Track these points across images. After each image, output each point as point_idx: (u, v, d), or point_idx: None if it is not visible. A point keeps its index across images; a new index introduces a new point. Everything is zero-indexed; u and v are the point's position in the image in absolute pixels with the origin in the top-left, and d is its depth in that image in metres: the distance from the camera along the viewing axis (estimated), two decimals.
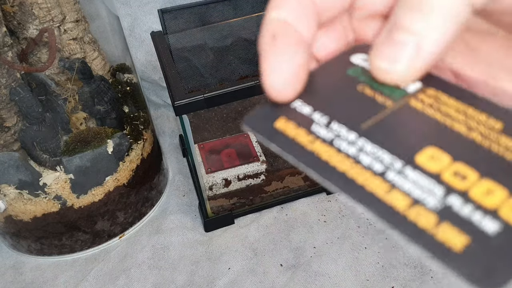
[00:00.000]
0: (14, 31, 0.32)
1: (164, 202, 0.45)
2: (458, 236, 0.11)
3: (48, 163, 0.36)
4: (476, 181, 0.12)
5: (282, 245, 0.39)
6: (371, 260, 0.38)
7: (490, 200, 0.11)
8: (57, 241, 0.39)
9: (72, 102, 0.36)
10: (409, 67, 0.13)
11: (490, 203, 0.11)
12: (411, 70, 0.13)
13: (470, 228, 0.11)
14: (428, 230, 0.11)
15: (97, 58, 0.37)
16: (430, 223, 0.11)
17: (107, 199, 0.39)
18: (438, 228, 0.11)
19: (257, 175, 0.43)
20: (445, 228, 0.11)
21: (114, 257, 0.40)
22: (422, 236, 0.11)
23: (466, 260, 0.11)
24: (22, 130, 0.34)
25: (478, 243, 0.11)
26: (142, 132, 0.41)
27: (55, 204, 0.37)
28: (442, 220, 0.11)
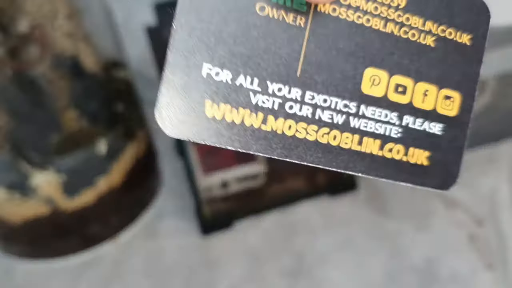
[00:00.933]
0: (4, 28, 0.32)
1: (159, 204, 0.45)
2: (422, 153, 0.14)
3: (39, 164, 0.36)
4: (413, 88, 0.13)
5: (283, 250, 0.40)
6: (375, 266, 0.38)
7: (428, 102, 0.14)
8: (49, 245, 0.40)
9: (63, 100, 0.36)
10: None
11: (428, 105, 0.14)
12: None
13: (425, 139, 0.14)
14: (403, 160, 0.14)
15: (90, 55, 0.37)
16: (401, 153, 0.14)
17: (100, 201, 0.39)
18: (408, 154, 0.14)
19: (256, 177, 0.43)
20: (412, 151, 0.14)
21: (107, 262, 0.40)
22: (403, 169, 0.14)
23: (433, 168, 0.14)
24: (13, 130, 0.34)
25: (435, 149, 0.14)
26: (136, 131, 0.41)
27: (46, 206, 0.37)
28: (407, 145, 0.14)
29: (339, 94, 0.13)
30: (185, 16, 0.12)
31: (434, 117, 0.14)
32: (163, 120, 0.12)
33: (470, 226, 0.40)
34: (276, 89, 0.13)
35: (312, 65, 0.13)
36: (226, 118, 0.12)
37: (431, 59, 0.13)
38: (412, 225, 0.41)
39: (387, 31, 0.13)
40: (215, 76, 0.12)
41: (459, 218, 0.41)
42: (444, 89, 0.14)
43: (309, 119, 0.13)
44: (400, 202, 0.43)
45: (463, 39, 0.14)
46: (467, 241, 0.39)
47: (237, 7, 0.12)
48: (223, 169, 0.43)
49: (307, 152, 0.13)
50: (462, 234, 0.40)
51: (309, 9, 0.12)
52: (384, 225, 0.41)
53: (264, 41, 0.12)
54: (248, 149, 0.12)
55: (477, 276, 0.37)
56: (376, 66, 0.13)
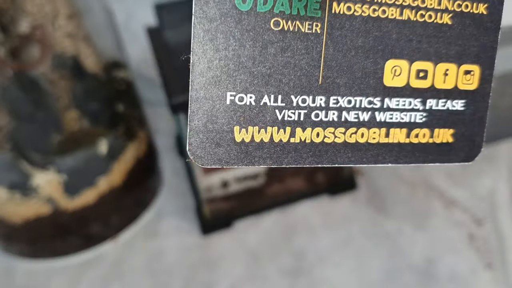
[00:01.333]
0: (5, 28, 0.32)
1: (159, 204, 0.45)
2: (447, 131, 0.14)
3: (40, 164, 0.36)
4: (434, 71, 0.14)
5: (283, 250, 0.40)
6: (375, 266, 0.38)
7: (449, 81, 0.14)
8: (49, 244, 0.40)
9: (64, 100, 0.36)
10: None
11: (450, 84, 0.14)
12: None
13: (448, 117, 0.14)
14: (429, 143, 0.14)
15: (90, 55, 0.37)
16: (427, 136, 0.14)
17: (100, 201, 0.39)
18: (434, 135, 0.14)
19: (256, 177, 0.43)
20: (437, 132, 0.14)
21: (108, 261, 0.40)
22: (430, 151, 0.14)
23: (458, 143, 0.14)
24: (14, 130, 0.34)
25: (458, 125, 0.14)
26: (137, 131, 0.41)
27: (47, 206, 0.37)
28: (432, 127, 0.14)
29: (362, 93, 0.13)
30: (202, 48, 0.12)
31: (456, 95, 0.14)
32: (195, 154, 0.12)
33: (470, 226, 0.40)
34: (300, 101, 0.13)
35: (333, 69, 0.13)
36: (255, 139, 0.12)
37: (449, 37, 0.13)
38: (411, 224, 0.41)
39: (404, 19, 0.13)
40: (239, 102, 0.12)
41: (459, 218, 0.41)
42: (464, 65, 0.14)
43: (335, 122, 0.13)
44: (399, 202, 0.43)
45: (480, 9, 0.14)
46: (466, 240, 0.39)
47: (251, 28, 0.12)
48: (223, 169, 0.43)
49: (337, 155, 0.13)
50: (461, 233, 0.40)
51: (324, 13, 0.12)
52: (383, 224, 0.41)
53: (282, 56, 0.12)
54: (280, 163, 0.13)
55: (476, 276, 0.37)
56: (396, 57, 0.13)
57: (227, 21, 0.12)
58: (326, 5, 0.12)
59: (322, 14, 0.12)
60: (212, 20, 0.12)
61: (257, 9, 0.12)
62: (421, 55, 0.13)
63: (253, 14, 0.12)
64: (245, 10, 0.12)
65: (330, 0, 0.12)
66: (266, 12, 0.12)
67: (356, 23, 0.13)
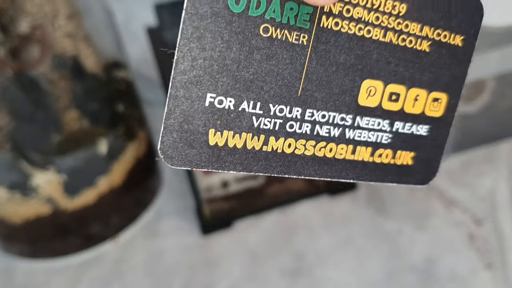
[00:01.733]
0: (5, 28, 0.32)
1: (159, 204, 0.45)
2: (408, 154, 0.15)
3: (40, 164, 0.36)
4: (405, 95, 0.14)
5: (283, 250, 0.40)
6: (375, 266, 0.38)
7: (418, 107, 0.14)
8: (49, 244, 0.40)
9: (64, 100, 0.36)
10: None
11: (418, 109, 0.14)
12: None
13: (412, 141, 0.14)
14: (390, 163, 0.14)
15: (90, 55, 0.37)
16: (389, 157, 0.14)
17: (100, 201, 0.39)
18: (396, 157, 0.14)
19: (256, 177, 0.43)
20: (399, 153, 0.14)
21: (108, 261, 0.40)
22: (390, 171, 0.14)
23: (416, 167, 0.15)
24: (14, 130, 0.34)
25: (419, 149, 0.15)
26: (137, 131, 0.41)
27: (47, 206, 0.37)
28: (395, 149, 0.14)
29: (337, 109, 0.13)
30: (187, 46, 0.12)
31: (422, 120, 0.15)
32: (166, 154, 0.12)
33: (470, 226, 0.40)
34: (277, 111, 0.13)
35: (313, 82, 0.13)
36: (228, 144, 0.12)
37: (424, 64, 0.14)
38: (411, 225, 0.41)
39: (386, 41, 0.13)
40: (218, 105, 0.12)
41: (459, 218, 0.41)
42: (434, 92, 0.14)
43: (308, 135, 0.13)
44: (399, 202, 0.43)
45: (456, 41, 0.14)
46: (466, 240, 0.39)
47: (240, 30, 0.12)
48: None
49: (305, 167, 0.13)
50: (461, 233, 0.40)
51: (313, 25, 0.12)
52: (383, 225, 0.41)
53: (267, 63, 0.12)
54: (249, 170, 0.13)
55: (476, 276, 0.37)
56: (373, 77, 0.13)
57: (218, 21, 0.12)
58: (315, 17, 0.12)
59: (310, 26, 0.12)
60: (202, 18, 0.11)
61: (249, 13, 0.12)
62: (397, 78, 0.14)
63: (244, 17, 0.12)
64: (237, 12, 0.12)
65: (320, 14, 0.12)
66: (257, 16, 0.12)
67: (341, 39, 0.13)
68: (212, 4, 0.11)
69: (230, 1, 0.12)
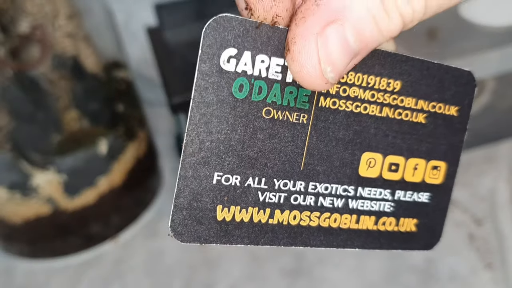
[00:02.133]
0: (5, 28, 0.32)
1: (159, 204, 0.45)
2: (411, 221, 0.15)
3: (40, 164, 0.36)
4: (404, 165, 0.15)
5: (283, 250, 0.40)
6: (375, 266, 0.38)
7: (418, 175, 0.15)
8: (49, 244, 0.40)
9: (64, 100, 0.36)
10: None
11: (418, 178, 0.15)
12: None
13: (414, 208, 0.15)
14: (394, 231, 0.15)
15: (90, 55, 0.37)
16: (393, 225, 0.15)
17: (100, 201, 0.39)
18: (399, 224, 0.15)
19: None
20: (402, 221, 0.15)
21: (108, 261, 0.40)
22: (394, 238, 0.15)
23: (420, 233, 0.15)
24: (14, 130, 0.34)
25: (422, 216, 0.15)
26: (137, 131, 0.41)
27: (47, 206, 0.37)
28: (398, 217, 0.15)
29: (339, 181, 0.14)
30: (196, 130, 0.12)
31: (422, 188, 0.15)
32: (176, 231, 0.13)
33: (470, 226, 0.40)
34: (282, 185, 0.13)
35: (315, 157, 0.14)
36: (236, 219, 0.13)
37: (421, 135, 0.14)
38: None
39: (383, 115, 0.14)
40: (225, 182, 0.13)
41: (459, 218, 0.41)
42: (432, 161, 0.15)
43: (312, 207, 0.14)
44: None
45: (451, 111, 0.15)
46: (466, 240, 0.39)
47: (244, 114, 0.13)
48: None
49: (310, 237, 0.14)
50: (461, 233, 0.40)
51: (311, 105, 0.13)
52: None
53: (270, 141, 0.13)
54: (256, 243, 0.13)
55: (476, 276, 0.37)
56: (372, 150, 0.14)
57: (223, 107, 0.12)
58: (314, 99, 0.13)
59: (309, 106, 0.13)
60: (209, 105, 0.12)
61: (251, 98, 0.13)
62: (395, 149, 0.14)
63: (247, 102, 0.13)
64: (240, 98, 0.13)
65: (318, 95, 0.13)
66: (260, 101, 0.13)
67: (339, 117, 0.14)
68: (218, 93, 0.12)
69: (234, 89, 0.12)
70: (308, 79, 0.12)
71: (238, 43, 0.12)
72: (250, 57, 0.12)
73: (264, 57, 0.12)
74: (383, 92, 0.14)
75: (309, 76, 0.12)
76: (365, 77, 0.13)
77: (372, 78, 0.14)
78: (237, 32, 0.12)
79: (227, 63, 0.12)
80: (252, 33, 0.12)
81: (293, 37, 0.12)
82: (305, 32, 0.12)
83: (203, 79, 0.12)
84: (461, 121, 0.15)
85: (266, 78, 0.13)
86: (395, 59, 0.14)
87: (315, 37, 0.11)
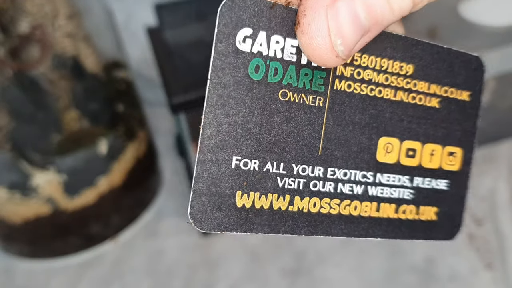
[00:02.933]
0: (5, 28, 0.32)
1: (159, 204, 0.45)
2: (431, 209, 0.15)
3: (40, 164, 0.36)
4: (421, 151, 0.14)
5: (283, 250, 0.40)
6: (375, 265, 0.38)
7: (435, 161, 0.15)
8: (49, 244, 0.40)
9: (64, 100, 0.36)
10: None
11: (435, 164, 0.15)
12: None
13: (433, 196, 0.15)
14: (415, 219, 0.15)
15: (90, 55, 0.37)
16: (413, 213, 0.15)
17: (100, 201, 0.39)
18: (420, 212, 0.15)
19: None
20: (423, 209, 0.15)
21: (107, 261, 0.40)
22: (415, 227, 0.15)
23: (441, 222, 0.15)
24: (14, 130, 0.34)
25: (442, 204, 0.15)
26: (137, 131, 0.41)
27: (47, 206, 0.37)
28: (418, 205, 0.15)
29: (357, 166, 0.14)
30: (213, 112, 0.12)
31: (440, 174, 0.15)
32: (195, 218, 0.13)
33: (470, 226, 0.40)
34: (300, 170, 0.13)
35: (332, 141, 0.13)
36: (255, 206, 0.13)
37: (436, 120, 0.14)
38: None
39: (397, 99, 0.14)
40: (244, 167, 0.13)
41: None
42: (448, 147, 0.15)
43: (332, 193, 0.14)
44: None
45: (463, 96, 0.15)
46: (466, 240, 0.39)
47: (261, 96, 0.13)
48: None
49: (331, 226, 0.14)
50: (461, 233, 0.40)
51: (327, 88, 0.13)
52: None
53: (287, 125, 0.13)
54: (277, 232, 0.13)
55: (476, 276, 0.37)
56: (388, 134, 0.14)
57: (240, 88, 0.12)
58: (329, 81, 0.13)
59: (325, 89, 0.13)
60: (226, 86, 0.12)
61: (267, 80, 0.13)
62: (411, 134, 0.14)
63: (264, 84, 0.13)
64: (257, 79, 0.13)
65: (333, 77, 0.13)
66: (276, 83, 0.13)
67: (355, 100, 0.14)
68: (234, 73, 0.12)
69: (250, 70, 0.12)
70: (318, 52, 0.12)
71: (253, 23, 0.12)
72: (265, 37, 0.12)
73: (279, 38, 0.12)
74: (396, 75, 0.14)
75: (319, 48, 0.12)
76: (378, 60, 0.13)
77: (385, 61, 0.14)
78: (252, 12, 0.12)
79: (243, 43, 0.12)
80: (266, 13, 0.12)
81: (303, 10, 0.12)
82: (315, 4, 0.12)
83: (219, 59, 0.12)
84: (473, 106, 0.15)
85: (281, 59, 0.13)
86: (406, 42, 0.14)
87: (325, 9, 0.11)
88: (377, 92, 0.14)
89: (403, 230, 0.14)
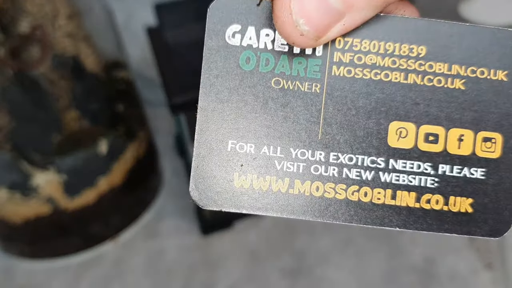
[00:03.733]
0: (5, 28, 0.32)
1: (159, 204, 0.45)
2: (464, 200, 0.14)
3: (40, 164, 0.36)
4: (445, 136, 0.14)
5: (283, 250, 0.40)
6: (375, 265, 0.38)
7: (465, 148, 0.14)
8: (49, 244, 0.40)
9: (64, 100, 0.36)
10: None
11: (466, 150, 0.14)
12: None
13: (466, 185, 0.14)
14: (444, 210, 0.14)
15: (90, 55, 0.37)
16: (441, 203, 0.14)
17: (100, 201, 0.39)
18: (449, 203, 0.14)
19: None
20: (453, 199, 0.14)
21: (108, 261, 0.40)
22: (445, 220, 0.14)
23: (480, 215, 0.14)
24: (14, 130, 0.34)
25: (478, 195, 0.14)
26: (137, 131, 0.41)
27: (47, 205, 0.37)
28: (446, 194, 0.14)
29: (364, 151, 0.13)
30: (206, 99, 0.13)
31: (474, 162, 0.14)
32: (199, 195, 0.13)
33: None
34: (299, 154, 0.13)
35: (333, 126, 0.13)
36: (254, 186, 0.13)
37: (462, 103, 0.13)
38: None
39: (409, 82, 0.13)
40: (240, 150, 0.13)
41: None
42: (482, 132, 0.14)
43: (336, 178, 0.13)
44: None
45: (498, 76, 0.13)
46: (466, 240, 0.39)
47: (253, 85, 0.13)
48: None
49: (339, 211, 0.13)
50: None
51: (323, 75, 0.13)
52: None
53: (282, 110, 0.13)
54: (281, 214, 0.13)
55: (476, 276, 0.37)
56: (401, 119, 0.13)
57: (232, 78, 0.13)
58: (325, 68, 0.13)
59: (321, 76, 0.13)
60: (217, 76, 0.13)
61: (259, 69, 0.13)
62: (430, 119, 0.13)
63: (256, 73, 0.13)
64: (248, 70, 0.13)
65: (329, 64, 0.13)
66: (267, 72, 0.13)
67: (357, 85, 0.13)
68: (225, 65, 0.13)
69: (241, 61, 0.13)
70: (283, 29, 0.12)
71: (242, 20, 0.13)
72: (254, 31, 0.13)
73: (268, 31, 0.13)
74: (405, 58, 0.13)
75: (284, 26, 0.12)
76: (382, 44, 0.13)
77: (390, 44, 0.13)
78: (240, 10, 0.13)
79: (232, 38, 0.13)
80: (254, 9, 0.13)
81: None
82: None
83: (210, 54, 0.13)
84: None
85: (272, 50, 0.13)
86: (416, 24, 0.13)
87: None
88: (383, 76, 0.13)
89: (430, 222, 0.14)
